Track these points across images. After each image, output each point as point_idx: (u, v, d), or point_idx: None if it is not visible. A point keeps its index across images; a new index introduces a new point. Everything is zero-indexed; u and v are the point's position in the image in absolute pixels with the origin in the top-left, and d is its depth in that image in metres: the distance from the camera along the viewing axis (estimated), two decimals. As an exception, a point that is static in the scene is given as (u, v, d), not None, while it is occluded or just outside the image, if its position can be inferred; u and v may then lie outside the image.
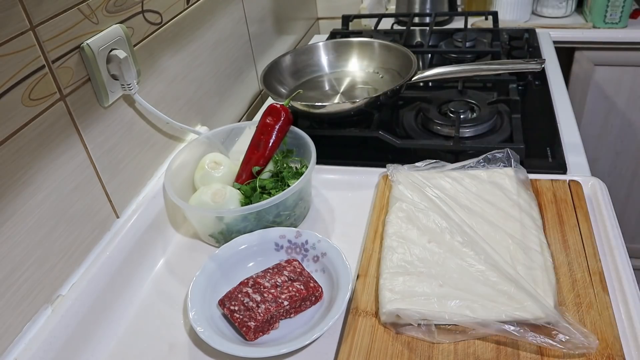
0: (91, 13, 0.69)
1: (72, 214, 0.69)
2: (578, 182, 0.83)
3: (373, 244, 0.77)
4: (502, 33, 1.38)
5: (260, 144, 0.87)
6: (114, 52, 0.72)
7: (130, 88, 0.76)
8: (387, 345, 0.63)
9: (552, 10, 1.56)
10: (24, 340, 0.62)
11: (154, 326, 0.72)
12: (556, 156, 0.93)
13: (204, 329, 0.66)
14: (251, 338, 0.66)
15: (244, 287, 0.70)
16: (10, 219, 0.60)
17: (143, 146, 0.83)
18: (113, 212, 0.77)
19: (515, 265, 0.67)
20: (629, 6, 1.43)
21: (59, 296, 0.67)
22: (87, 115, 0.70)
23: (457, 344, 0.62)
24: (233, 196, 0.83)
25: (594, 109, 1.57)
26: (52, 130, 0.64)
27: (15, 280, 0.61)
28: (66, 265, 0.69)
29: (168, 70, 0.88)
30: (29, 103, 0.61)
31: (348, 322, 0.66)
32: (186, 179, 0.89)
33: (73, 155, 0.68)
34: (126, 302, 0.75)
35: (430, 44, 1.36)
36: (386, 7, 1.73)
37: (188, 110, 0.96)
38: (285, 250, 0.78)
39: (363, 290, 0.70)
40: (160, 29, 0.85)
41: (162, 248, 0.84)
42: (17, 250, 0.61)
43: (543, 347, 0.60)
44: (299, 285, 0.70)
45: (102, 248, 0.74)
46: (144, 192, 0.83)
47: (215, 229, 0.81)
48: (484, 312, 0.63)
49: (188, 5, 0.92)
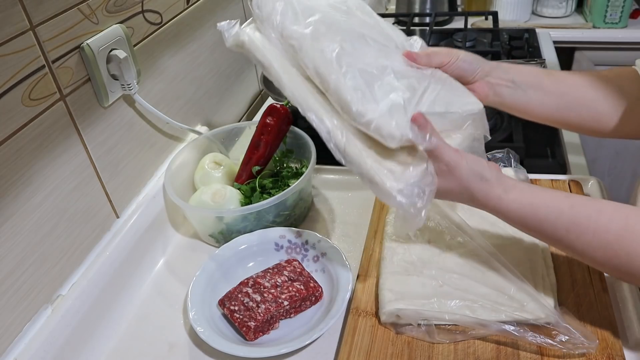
0: (91, 13, 0.69)
1: (72, 214, 0.69)
2: (578, 182, 0.83)
3: (373, 244, 0.77)
4: (502, 33, 1.38)
5: (260, 144, 0.87)
6: (114, 52, 0.72)
7: (130, 88, 0.76)
8: (387, 345, 0.63)
9: (552, 10, 1.56)
10: (24, 340, 0.62)
11: (154, 326, 0.72)
12: (556, 156, 0.93)
13: (204, 329, 0.66)
14: (251, 338, 0.66)
15: (244, 287, 0.70)
16: (10, 219, 0.60)
17: (143, 146, 0.83)
18: (113, 212, 0.77)
19: (515, 265, 0.67)
20: (629, 6, 1.43)
21: (59, 296, 0.67)
22: (87, 115, 0.70)
23: (457, 344, 0.62)
24: (233, 196, 0.83)
25: (594, 109, 1.56)
26: (52, 130, 0.64)
27: (15, 280, 0.61)
28: (66, 265, 0.69)
29: (168, 70, 0.88)
30: (29, 103, 0.61)
31: (348, 322, 0.66)
32: (186, 179, 0.89)
33: (73, 155, 0.68)
34: (126, 302, 0.75)
35: (430, 44, 1.36)
36: (386, 7, 1.73)
37: (188, 110, 0.96)
38: (285, 250, 0.78)
39: (363, 290, 0.70)
40: (160, 29, 0.85)
41: (162, 248, 0.84)
42: (17, 250, 0.61)
43: (543, 347, 0.60)
44: (299, 285, 0.70)
45: (102, 248, 0.74)
46: (144, 192, 0.83)
47: (215, 229, 0.81)
48: (484, 312, 0.63)
49: (188, 5, 0.92)
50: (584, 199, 0.60)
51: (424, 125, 0.58)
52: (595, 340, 0.58)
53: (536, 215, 0.58)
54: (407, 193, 0.58)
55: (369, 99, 0.59)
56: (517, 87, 0.70)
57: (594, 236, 0.55)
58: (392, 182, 0.58)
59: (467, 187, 0.59)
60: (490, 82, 0.71)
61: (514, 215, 0.59)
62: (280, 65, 0.63)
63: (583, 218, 0.56)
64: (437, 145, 0.58)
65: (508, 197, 0.59)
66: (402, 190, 0.58)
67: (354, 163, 0.60)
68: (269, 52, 0.63)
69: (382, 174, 0.59)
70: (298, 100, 0.62)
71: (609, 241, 0.54)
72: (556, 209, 0.57)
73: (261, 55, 0.63)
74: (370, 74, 0.61)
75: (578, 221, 0.56)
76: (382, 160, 0.60)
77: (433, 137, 0.58)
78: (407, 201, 0.58)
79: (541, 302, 0.62)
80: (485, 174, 0.59)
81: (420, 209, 0.58)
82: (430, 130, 0.58)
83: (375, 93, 0.60)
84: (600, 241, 0.55)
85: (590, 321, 0.62)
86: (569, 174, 0.89)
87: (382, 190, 0.59)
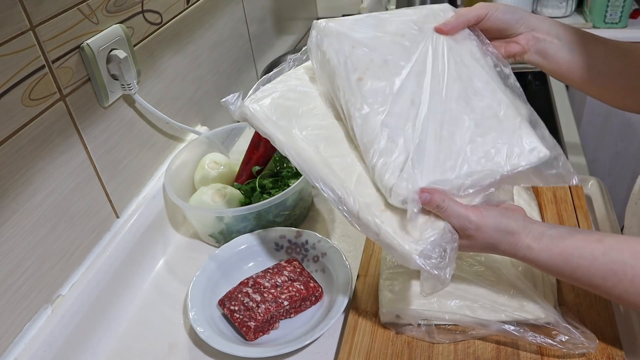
0: (91, 13, 0.69)
1: (72, 214, 0.69)
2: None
3: (373, 244, 0.76)
4: (502, 33, 1.37)
5: (260, 144, 0.87)
6: (114, 52, 0.72)
7: (130, 88, 0.76)
8: (387, 345, 0.63)
9: (552, 10, 1.56)
10: (24, 340, 0.62)
11: (154, 326, 0.72)
12: (556, 156, 0.93)
13: (204, 329, 0.66)
14: (251, 338, 0.66)
15: (244, 287, 0.70)
16: (10, 219, 0.60)
17: (143, 146, 0.83)
18: (113, 212, 0.77)
19: (515, 265, 0.67)
20: (629, 6, 1.42)
21: (59, 296, 0.67)
22: (87, 115, 0.70)
23: (457, 344, 0.62)
24: (233, 196, 0.83)
25: (594, 109, 1.56)
26: (52, 130, 0.64)
27: (15, 280, 0.61)
28: (66, 265, 0.69)
29: (168, 70, 0.88)
30: (29, 103, 0.61)
31: (348, 322, 0.66)
32: (186, 179, 0.89)
33: (73, 155, 0.68)
34: (126, 302, 0.75)
35: (430, 44, 1.36)
36: (386, 7, 1.73)
37: (188, 110, 0.96)
38: (285, 250, 0.78)
39: (363, 290, 0.70)
40: (160, 29, 0.85)
41: (162, 248, 0.84)
42: (17, 250, 0.61)
43: (543, 347, 0.60)
44: (299, 285, 0.70)
45: (102, 248, 0.74)
46: (144, 192, 0.83)
47: (215, 229, 0.81)
48: (484, 312, 0.63)
49: (188, 5, 0.92)
50: (617, 240, 0.54)
51: (429, 202, 0.54)
52: (595, 340, 0.58)
53: (568, 263, 0.54)
54: (427, 254, 0.54)
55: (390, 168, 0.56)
56: (563, 45, 0.64)
57: (632, 283, 0.52)
58: (410, 244, 0.54)
59: (493, 244, 0.56)
60: (536, 36, 0.64)
61: (544, 265, 0.56)
62: (284, 137, 0.61)
63: (619, 265, 0.52)
64: (452, 214, 0.54)
65: (538, 246, 0.55)
66: (422, 252, 0.54)
67: (369, 228, 0.56)
68: (271, 125, 0.62)
69: (399, 236, 0.55)
70: (305, 170, 0.60)
71: None
72: (589, 256, 0.53)
73: (264, 128, 0.63)
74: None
75: (614, 268, 0.52)
76: (398, 222, 0.56)
77: (445, 203, 0.54)
78: (428, 262, 0.54)
79: (541, 302, 0.62)
80: (511, 227, 0.55)
81: (443, 268, 0.54)
82: (438, 200, 0.54)
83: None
84: (639, 287, 0.52)
85: (590, 321, 0.62)
86: (569, 174, 0.89)
87: (401, 254, 0.55)
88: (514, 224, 0.55)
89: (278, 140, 0.62)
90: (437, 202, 0.54)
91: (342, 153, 0.60)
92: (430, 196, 0.54)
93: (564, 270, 0.55)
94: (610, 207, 0.80)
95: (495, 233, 0.55)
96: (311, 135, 0.61)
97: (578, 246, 0.54)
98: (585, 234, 0.56)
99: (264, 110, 0.63)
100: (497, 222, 0.55)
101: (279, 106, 0.63)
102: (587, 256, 0.53)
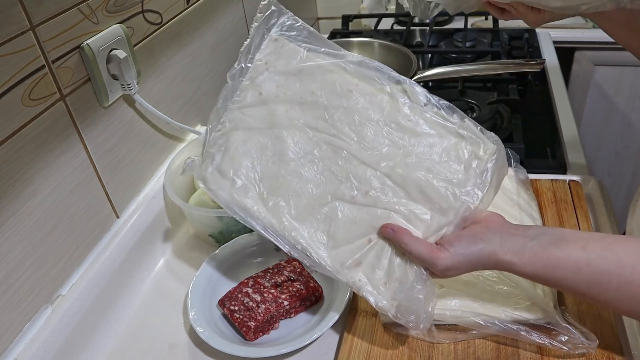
0: (91, 13, 0.69)
1: (72, 214, 0.69)
2: (578, 182, 0.83)
3: (373, 244, 0.76)
4: (502, 33, 1.38)
5: (260, 144, 0.87)
6: (114, 52, 0.72)
7: (130, 88, 0.76)
8: (387, 345, 0.63)
9: (552, 10, 1.56)
10: (24, 340, 0.62)
11: (154, 326, 0.72)
12: (556, 156, 0.93)
13: (204, 329, 0.66)
14: (251, 338, 0.66)
15: (244, 287, 0.70)
16: (10, 219, 0.60)
17: (143, 146, 0.83)
18: (113, 212, 0.77)
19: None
20: (629, 6, 1.42)
21: (59, 296, 0.67)
22: (87, 115, 0.70)
23: (457, 344, 0.62)
24: (233, 196, 0.83)
25: (594, 109, 1.57)
26: (52, 130, 0.64)
27: (15, 280, 0.61)
28: (66, 265, 0.69)
29: (168, 70, 0.88)
30: (29, 103, 0.61)
31: (348, 322, 0.66)
32: (186, 179, 0.89)
33: (73, 155, 0.68)
34: (126, 302, 0.75)
35: (430, 44, 1.36)
36: (386, 7, 1.73)
37: (188, 110, 0.96)
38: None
39: (363, 290, 0.70)
40: (160, 29, 0.85)
41: (162, 248, 0.84)
42: (17, 250, 0.61)
43: (543, 347, 0.60)
44: (299, 285, 0.70)
45: (102, 248, 0.74)
46: (144, 192, 0.83)
47: (215, 229, 0.81)
48: (484, 311, 0.63)
49: (188, 5, 0.92)
50: (602, 247, 0.54)
51: (391, 238, 0.58)
52: (595, 340, 0.58)
53: (553, 276, 0.55)
54: (402, 305, 0.58)
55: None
56: None
57: (618, 291, 0.52)
58: (382, 301, 0.59)
59: (472, 269, 0.58)
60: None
61: (529, 277, 0.56)
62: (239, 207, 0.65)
63: (603, 275, 0.52)
64: (417, 256, 0.57)
65: (520, 261, 0.55)
66: (394, 305, 0.58)
67: (348, 284, 0.61)
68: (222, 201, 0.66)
69: (372, 293, 0.59)
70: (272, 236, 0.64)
71: (634, 293, 0.52)
72: (573, 268, 0.53)
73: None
74: None
75: (599, 279, 0.53)
76: (370, 276, 0.60)
77: (408, 247, 0.57)
78: (404, 314, 0.58)
79: (541, 302, 0.62)
80: (486, 251, 0.56)
81: (419, 317, 0.57)
82: (399, 239, 0.58)
83: None
84: (624, 294, 0.52)
85: (590, 321, 0.62)
86: (569, 174, 0.89)
87: (379, 309, 0.59)
88: (487, 247, 0.56)
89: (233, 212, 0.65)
90: (398, 241, 0.58)
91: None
92: (394, 233, 0.58)
93: (549, 282, 0.56)
94: (611, 207, 0.80)
95: (468, 265, 0.57)
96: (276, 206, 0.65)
97: (561, 257, 0.54)
98: (569, 240, 0.55)
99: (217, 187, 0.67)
100: (466, 253, 0.56)
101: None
102: (572, 268, 0.53)
